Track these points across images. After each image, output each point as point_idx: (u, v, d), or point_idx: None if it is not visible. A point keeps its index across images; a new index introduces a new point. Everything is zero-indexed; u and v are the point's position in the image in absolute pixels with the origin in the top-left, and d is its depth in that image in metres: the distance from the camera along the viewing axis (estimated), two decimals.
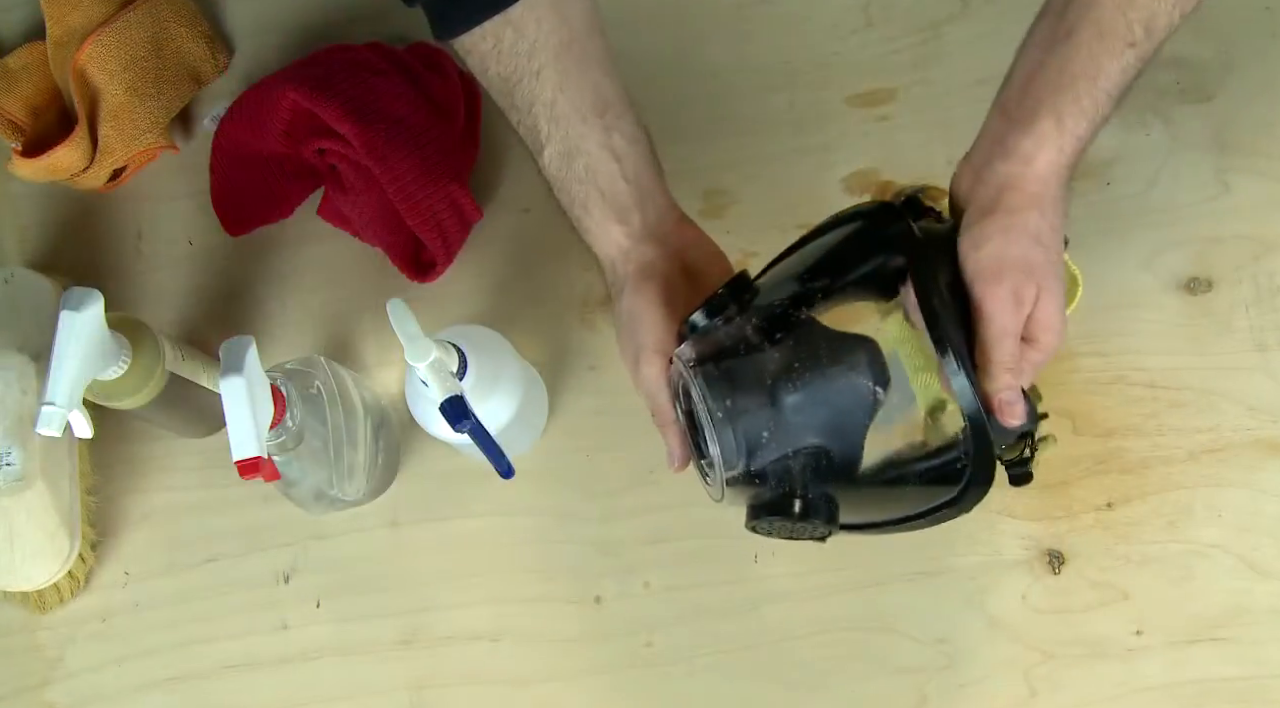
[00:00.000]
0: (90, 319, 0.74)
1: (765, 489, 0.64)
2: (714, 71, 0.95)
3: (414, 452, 0.89)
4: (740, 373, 0.64)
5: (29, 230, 0.97)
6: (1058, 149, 0.64)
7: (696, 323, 0.66)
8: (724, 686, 0.83)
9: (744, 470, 0.64)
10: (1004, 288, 0.63)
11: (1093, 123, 0.64)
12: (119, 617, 0.88)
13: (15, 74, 0.96)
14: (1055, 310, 0.64)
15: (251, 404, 0.68)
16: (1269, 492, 0.82)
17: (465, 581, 0.86)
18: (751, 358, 0.64)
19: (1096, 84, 0.63)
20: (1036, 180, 0.64)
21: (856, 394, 0.64)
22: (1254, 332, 0.85)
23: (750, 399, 0.63)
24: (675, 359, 0.66)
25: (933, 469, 0.65)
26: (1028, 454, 0.68)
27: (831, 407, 0.63)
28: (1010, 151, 0.64)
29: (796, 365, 0.63)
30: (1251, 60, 0.90)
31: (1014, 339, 0.63)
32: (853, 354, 0.64)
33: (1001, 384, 0.63)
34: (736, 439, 0.63)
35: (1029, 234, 0.63)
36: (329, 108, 0.87)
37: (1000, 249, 0.63)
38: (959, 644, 0.81)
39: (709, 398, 0.63)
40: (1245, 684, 0.79)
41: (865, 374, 0.64)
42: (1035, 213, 0.64)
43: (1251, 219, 0.87)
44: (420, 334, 0.70)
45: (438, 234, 0.89)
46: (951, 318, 0.63)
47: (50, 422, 0.73)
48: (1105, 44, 0.63)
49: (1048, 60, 0.65)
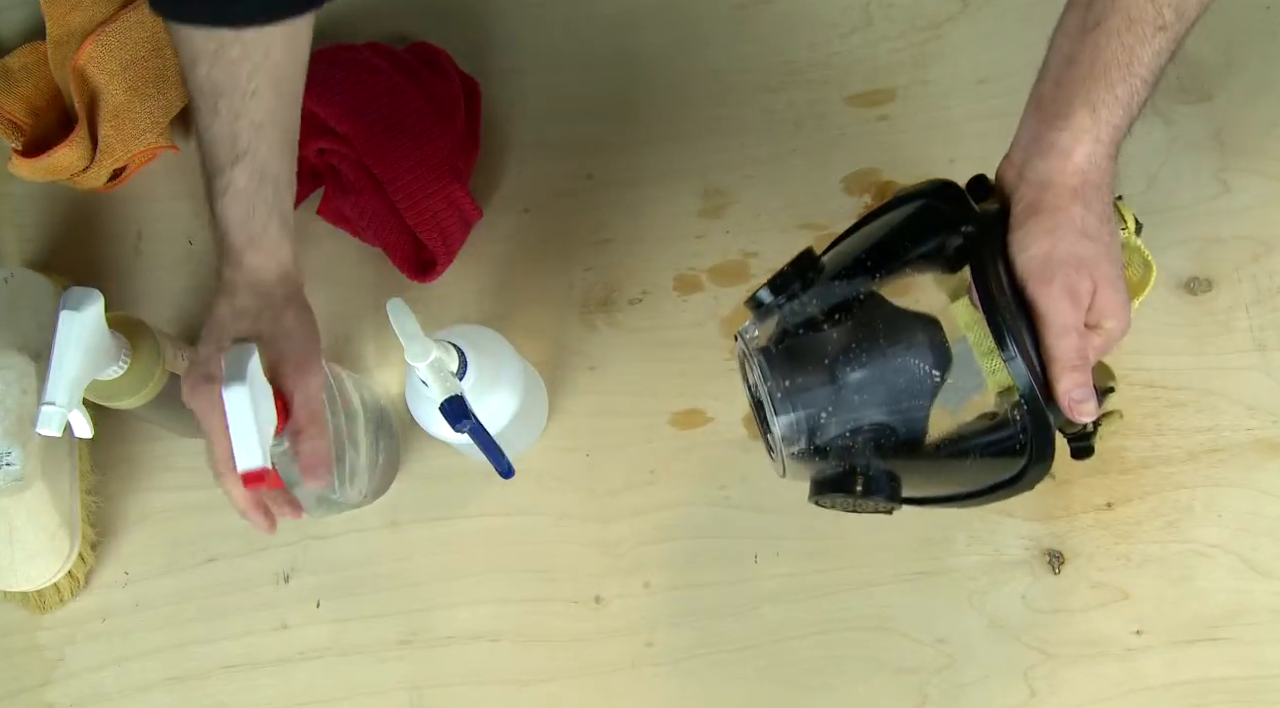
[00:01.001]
0: (90, 319, 0.74)
1: (828, 465, 0.65)
2: (714, 71, 0.95)
3: (414, 452, 0.89)
4: (801, 351, 0.65)
5: (29, 230, 0.97)
6: (1094, 140, 0.63)
7: (762, 299, 0.66)
8: (724, 686, 0.83)
9: (806, 447, 0.65)
10: (1056, 286, 0.63)
11: (1128, 110, 0.64)
12: (119, 617, 0.88)
13: (15, 74, 0.96)
14: (1115, 297, 0.64)
15: (255, 414, 0.67)
16: (1269, 492, 0.82)
17: (465, 581, 0.86)
18: (812, 336, 0.65)
19: (1130, 71, 0.63)
20: (1076, 173, 0.64)
21: (916, 374, 0.64)
22: (1254, 331, 0.85)
23: (811, 378, 0.64)
24: (738, 338, 0.67)
25: (994, 446, 0.65)
26: (1090, 428, 0.68)
27: (891, 386, 0.64)
28: (1048, 148, 0.64)
29: (857, 344, 0.64)
30: (1252, 60, 0.90)
31: (1076, 335, 0.63)
32: (913, 334, 0.65)
33: (1069, 383, 0.63)
34: (797, 418, 0.64)
35: (1075, 229, 0.63)
36: (329, 107, 0.87)
37: (1048, 249, 0.63)
38: (959, 644, 0.81)
39: (769, 378, 0.64)
40: (1245, 684, 0.79)
41: (925, 354, 0.64)
42: (1079, 207, 0.63)
43: (1252, 219, 0.87)
44: (420, 334, 0.70)
45: (438, 234, 0.89)
46: (1010, 307, 0.62)
47: (50, 422, 0.72)
48: (1135, 30, 0.63)
49: (1078, 51, 0.64)
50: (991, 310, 0.62)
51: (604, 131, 0.94)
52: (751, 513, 0.85)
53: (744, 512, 0.85)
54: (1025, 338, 0.62)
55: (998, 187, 0.68)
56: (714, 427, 0.87)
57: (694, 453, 0.87)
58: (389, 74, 0.90)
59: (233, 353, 0.68)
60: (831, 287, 0.66)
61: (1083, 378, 0.63)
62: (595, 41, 0.97)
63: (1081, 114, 0.63)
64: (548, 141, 0.94)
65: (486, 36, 0.98)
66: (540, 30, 0.98)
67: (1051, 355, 0.63)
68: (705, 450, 0.87)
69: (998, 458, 0.65)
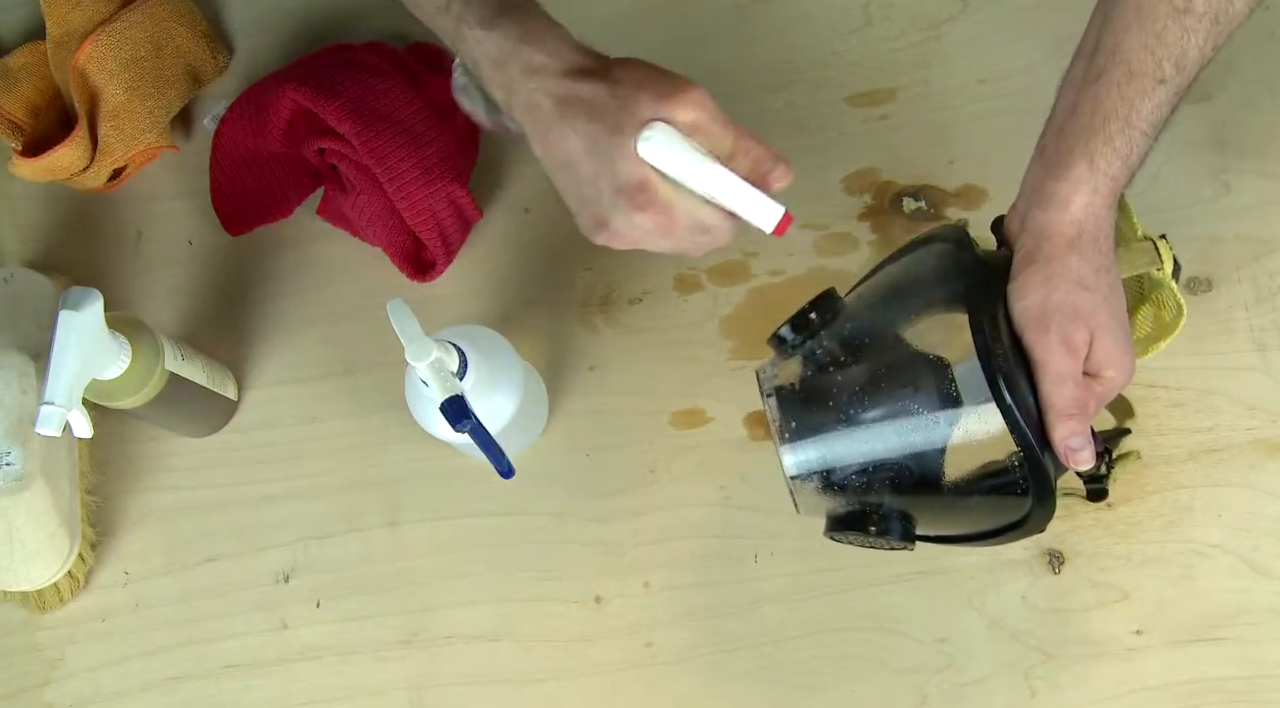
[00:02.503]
0: (90, 319, 0.74)
1: (841, 504, 0.67)
2: (713, 71, 0.94)
3: (414, 453, 0.89)
4: (814, 391, 0.67)
5: (29, 230, 0.97)
6: (1092, 191, 0.64)
7: (785, 337, 0.67)
8: (724, 686, 0.83)
9: (819, 486, 0.67)
10: (1052, 336, 0.63)
11: (1127, 162, 0.64)
12: (119, 617, 0.88)
13: (15, 74, 0.96)
14: (1114, 347, 0.64)
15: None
16: (1269, 492, 0.82)
17: (465, 581, 0.86)
18: (826, 376, 0.67)
19: (1130, 123, 0.63)
20: (1073, 224, 0.64)
21: (925, 417, 0.65)
22: (1254, 332, 0.85)
23: (823, 417, 0.66)
24: (757, 376, 0.68)
25: (999, 490, 0.66)
26: (1103, 471, 0.70)
27: (903, 428, 0.65)
28: (1047, 199, 0.65)
29: (868, 386, 0.66)
30: (1251, 60, 0.90)
31: (1072, 384, 0.64)
32: (922, 377, 0.66)
33: (1064, 432, 0.64)
34: (807, 457, 0.66)
35: (1070, 280, 0.63)
36: (329, 107, 0.87)
37: (1043, 299, 0.64)
38: (959, 644, 0.81)
39: (779, 418, 0.66)
40: (1245, 684, 0.79)
41: (933, 398, 0.65)
42: (1075, 257, 0.64)
43: (1252, 219, 0.87)
44: (420, 334, 0.70)
45: (438, 234, 0.89)
46: (1006, 356, 0.63)
47: (50, 421, 0.73)
48: (1135, 83, 0.63)
49: (1080, 103, 0.65)
50: (985, 357, 0.63)
51: None
52: (751, 513, 0.85)
53: (744, 512, 0.85)
54: (1021, 385, 0.63)
55: (1005, 234, 0.69)
56: (714, 427, 0.87)
57: (694, 453, 0.87)
58: (389, 74, 0.90)
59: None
60: (845, 329, 0.68)
61: (1079, 426, 0.64)
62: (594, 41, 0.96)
63: (1080, 166, 0.64)
64: None
65: None
66: None
67: (1048, 403, 0.64)
68: (705, 450, 0.87)
69: (1003, 499, 0.66)
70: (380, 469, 0.89)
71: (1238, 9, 0.65)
